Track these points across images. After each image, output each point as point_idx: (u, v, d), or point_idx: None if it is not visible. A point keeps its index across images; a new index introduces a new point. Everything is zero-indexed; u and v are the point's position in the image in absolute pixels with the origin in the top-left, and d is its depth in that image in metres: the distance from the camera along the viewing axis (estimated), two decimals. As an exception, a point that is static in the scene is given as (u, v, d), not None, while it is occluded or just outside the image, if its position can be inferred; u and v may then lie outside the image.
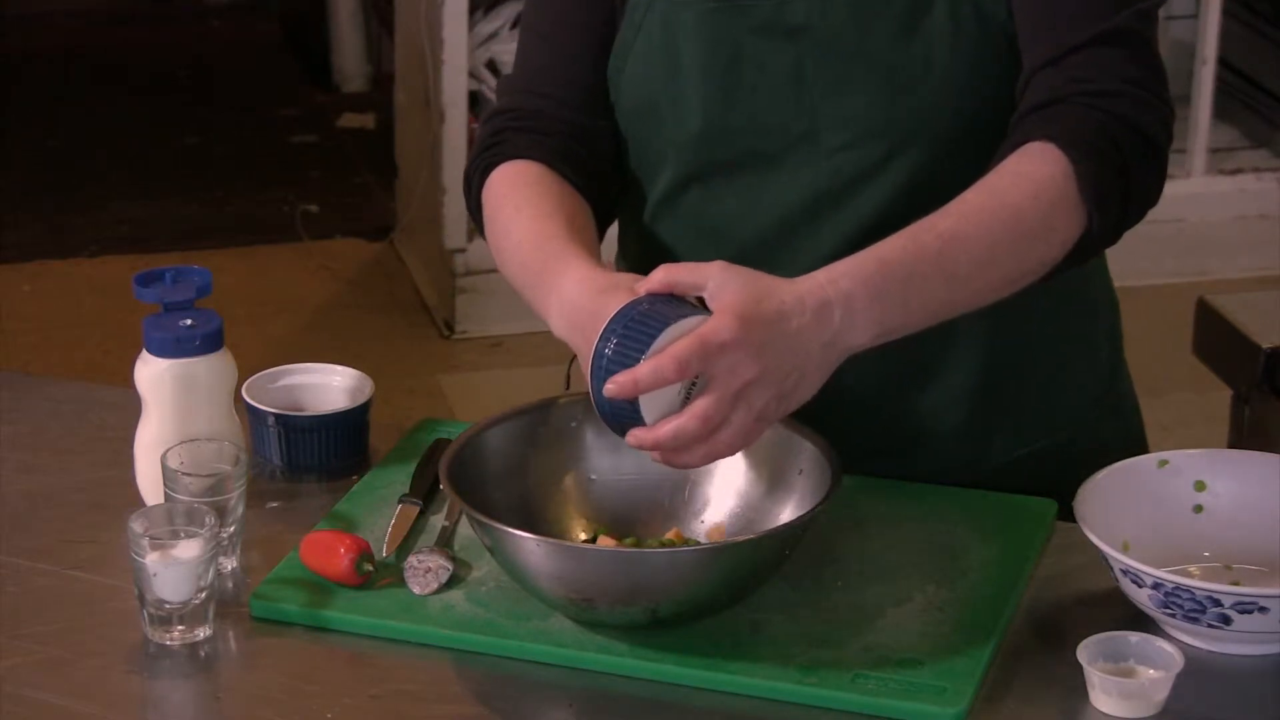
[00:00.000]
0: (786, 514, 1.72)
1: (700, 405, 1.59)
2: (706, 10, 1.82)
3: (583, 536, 1.76)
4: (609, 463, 1.78)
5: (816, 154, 1.82)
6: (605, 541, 1.73)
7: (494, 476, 1.73)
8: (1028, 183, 1.70)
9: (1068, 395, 1.93)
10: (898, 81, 1.79)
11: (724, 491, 1.77)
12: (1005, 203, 1.69)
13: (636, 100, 1.87)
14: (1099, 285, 1.96)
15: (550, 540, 1.62)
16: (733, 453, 1.63)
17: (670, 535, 1.74)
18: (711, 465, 1.72)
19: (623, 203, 1.94)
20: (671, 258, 1.87)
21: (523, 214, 1.81)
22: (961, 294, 1.68)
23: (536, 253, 1.76)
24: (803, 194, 1.83)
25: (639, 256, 1.92)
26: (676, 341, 1.58)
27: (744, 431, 1.61)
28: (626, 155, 1.91)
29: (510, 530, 1.61)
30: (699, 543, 1.73)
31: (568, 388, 2.07)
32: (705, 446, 1.61)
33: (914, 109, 1.79)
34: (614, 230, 1.97)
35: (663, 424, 1.60)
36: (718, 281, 1.61)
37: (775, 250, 1.83)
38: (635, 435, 1.61)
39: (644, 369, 1.58)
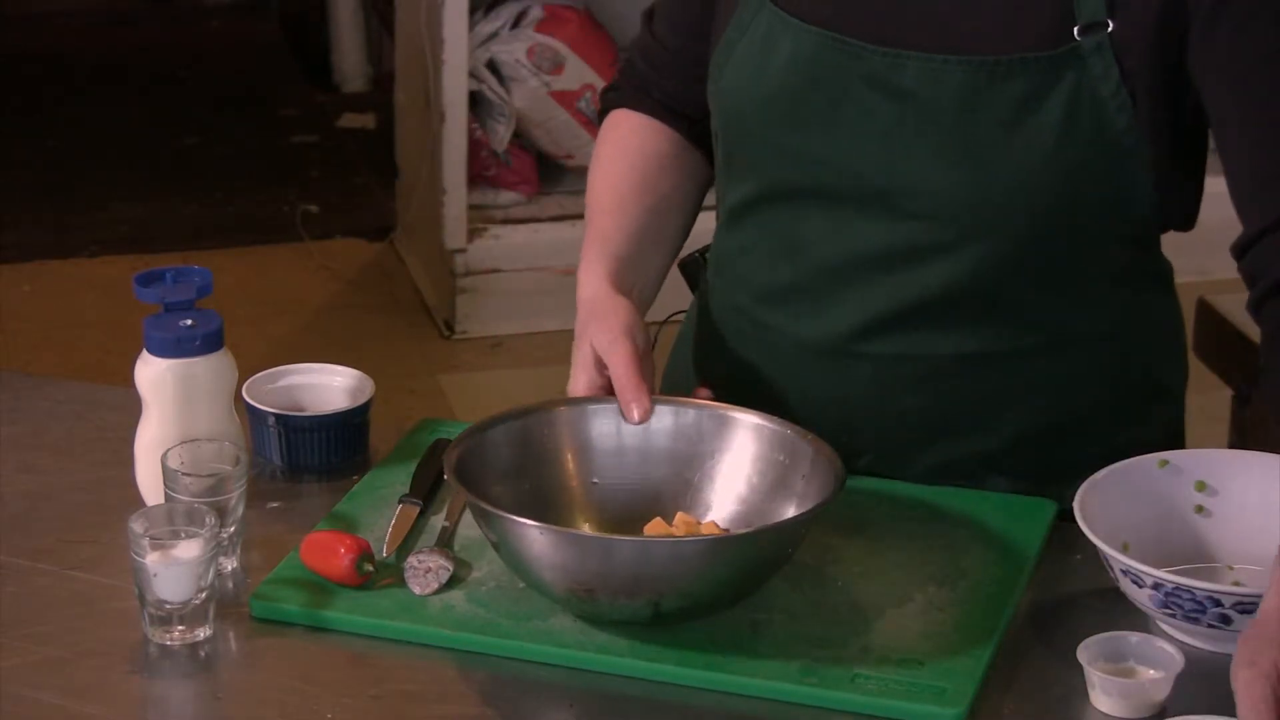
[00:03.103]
0: (789, 515, 1.71)
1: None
2: (817, 42, 1.79)
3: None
4: (612, 465, 1.77)
5: (893, 214, 1.79)
6: None
7: (497, 474, 1.73)
8: None
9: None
10: (996, 167, 1.75)
11: (726, 495, 1.77)
12: None
13: (731, 102, 1.86)
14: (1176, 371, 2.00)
15: (554, 528, 1.62)
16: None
17: (677, 521, 1.73)
18: (714, 469, 1.75)
19: (718, 190, 1.97)
20: (747, 261, 1.89)
21: (598, 171, 1.96)
22: None
23: (590, 219, 1.92)
24: (876, 244, 1.81)
25: (719, 248, 1.95)
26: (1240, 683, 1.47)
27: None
28: (716, 140, 1.92)
29: (514, 518, 1.61)
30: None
31: None
32: None
33: (1008, 197, 1.76)
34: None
35: None
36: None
37: (844, 284, 1.83)
38: None
39: None
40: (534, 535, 1.61)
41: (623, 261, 1.87)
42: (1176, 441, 1.95)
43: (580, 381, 1.79)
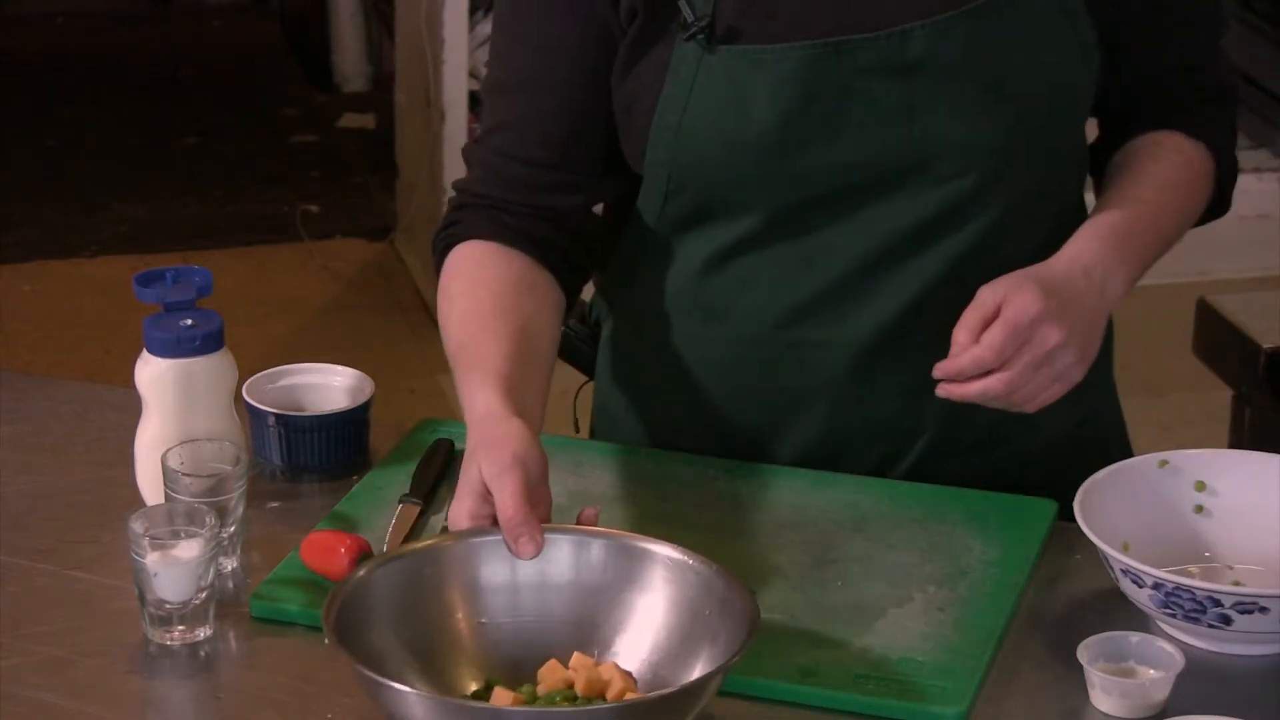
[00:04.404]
0: (699, 663, 1.56)
1: (1004, 376, 1.71)
2: (804, 56, 1.77)
3: (474, 686, 1.59)
4: (504, 604, 1.62)
5: (926, 183, 1.80)
6: (500, 694, 1.55)
7: (383, 620, 1.58)
8: (1192, 167, 1.91)
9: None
10: (1009, 101, 1.80)
11: (629, 633, 1.62)
12: (1182, 178, 1.90)
13: (706, 156, 1.80)
14: None
15: (432, 697, 1.49)
16: (1034, 409, 1.74)
17: (574, 663, 1.58)
18: (617, 604, 1.61)
19: (657, 250, 1.88)
20: (754, 292, 1.85)
21: (455, 306, 1.82)
22: (1162, 250, 1.87)
23: (458, 353, 1.78)
24: (905, 223, 1.81)
25: (698, 296, 1.88)
26: (990, 329, 1.70)
27: (1043, 391, 1.73)
28: (666, 202, 1.85)
29: (394, 685, 1.47)
30: (593, 701, 1.56)
31: (576, 430, 2.07)
32: (1004, 404, 1.73)
33: (1017, 129, 1.81)
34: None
35: (971, 384, 1.71)
36: (991, 291, 1.73)
37: (874, 277, 1.83)
38: (944, 388, 1.73)
39: (966, 360, 1.70)
40: (411, 701, 1.47)
41: (508, 380, 1.72)
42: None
43: (463, 510, 1.63)
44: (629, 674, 1.58)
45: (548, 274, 1.86)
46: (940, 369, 1.72)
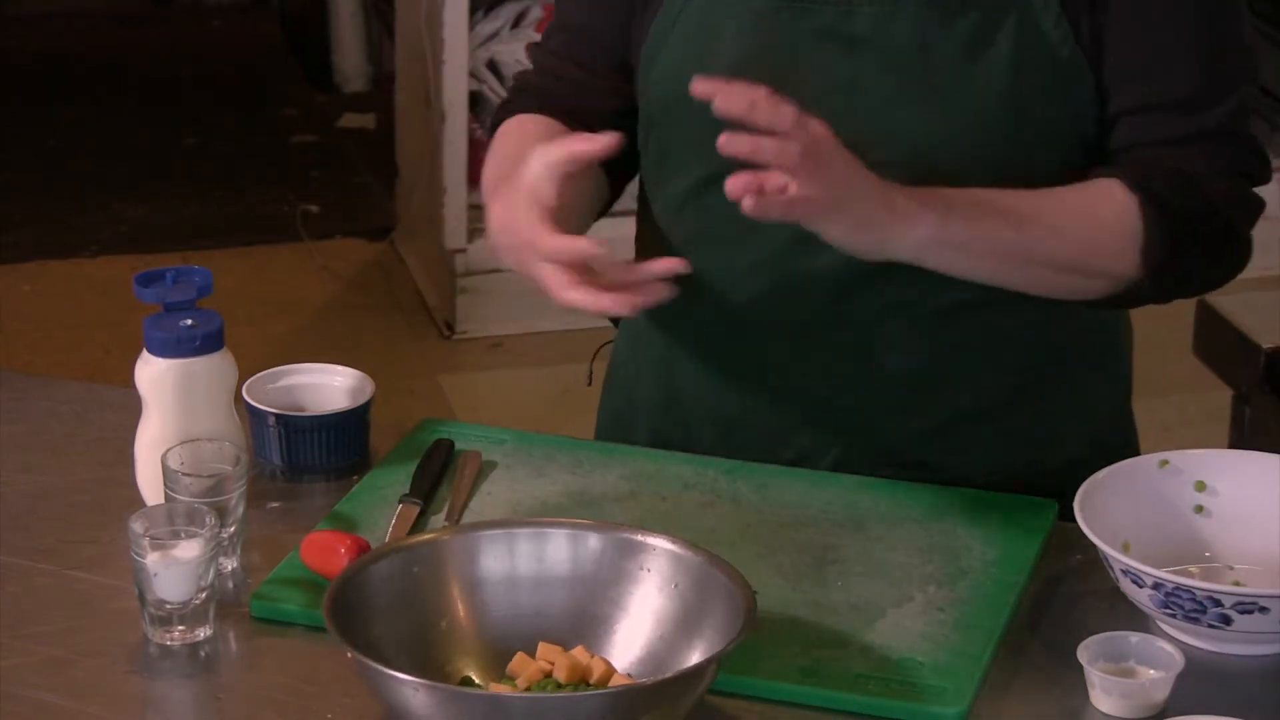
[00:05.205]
0: (695, 655, 1.57)
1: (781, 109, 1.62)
2: (763, 7, 1.80)
3: (475, 679, 1.60)
4: (500, 596, 1.63)
5: None
6: (498, 687, 1.58)
7: (380, 613, 1.59)
8: (1110, 201, 1.76)
9: (1078, 422, 1.93)
10: (954, 103, 1.78)
11: (629, 628, 1.62)
12: (1086, 198, 1.76)
13: (668, 90, 1.85)
14: (1125, 329, 1.98)
15: (430, 684, 1.48)
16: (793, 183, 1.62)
17: (572, 661, 1.58)
18: (614, 596, 1.62)
19: (642, 192, 1.95)
20: (697, 250, 1.86)
21: (498, 148, 1.88)
22: (1019, 247, 1.73)
23: (497, 176, 1.80)
24: None
25: (658, 246, 1.91)
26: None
27: (802, 154, 1.61)
28: (649, 140, 1.91)
29: (392, 673, 1.48)
30: (590, 687, 1.57)
31: (589, 382, 2.07)
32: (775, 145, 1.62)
33: (968, 133, 1.78)
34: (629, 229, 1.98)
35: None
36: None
37: (810, 251, 1.81)
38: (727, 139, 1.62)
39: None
40: (409, 692, 1.47)
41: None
42: (1127, 395, 1.98)
43: (509, 202, 1.70)
44: (595, 657, 1.59)
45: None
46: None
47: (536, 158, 1.69)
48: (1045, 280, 1.77)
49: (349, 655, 1.49)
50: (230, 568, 1.76)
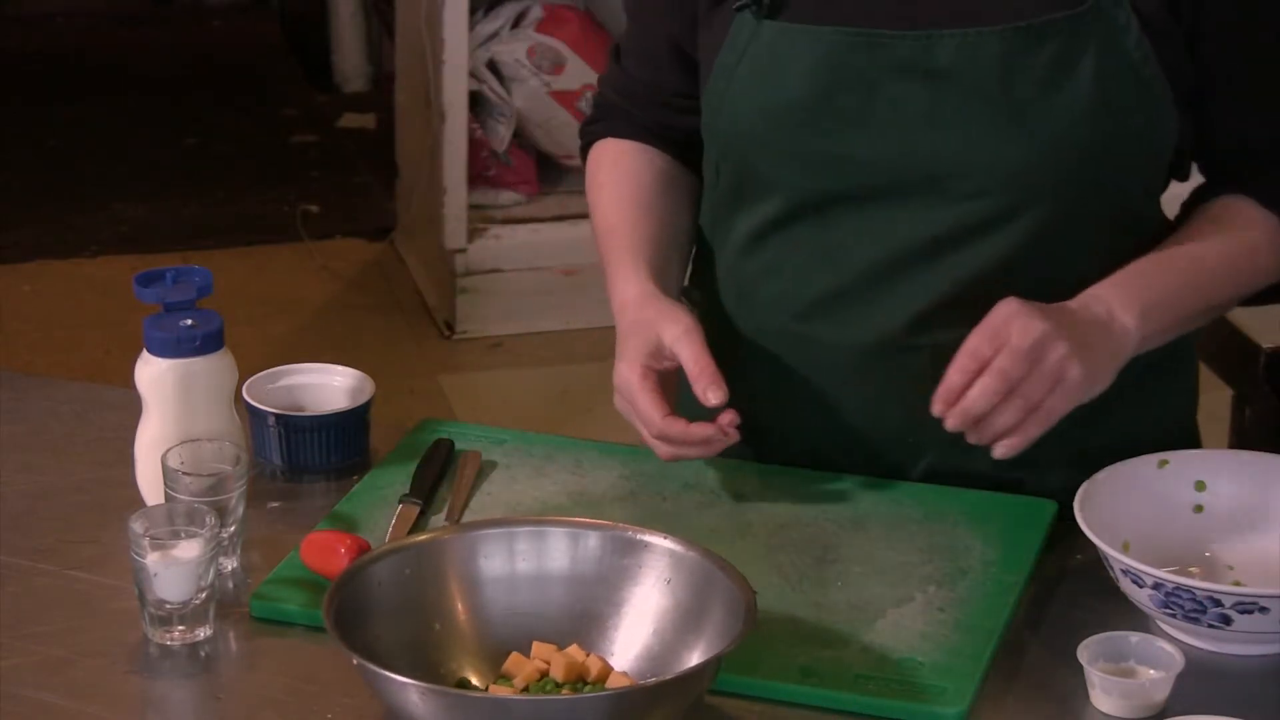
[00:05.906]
0: (695, 655, 1.57)
1: (996, 363, 1.69)
2: (836, 41, 1.79)
3: (473, 679, 1.60)
4: (500, 596, 1.64)
5: (941, 199, 1.80)
6: (499, 689, 1.57)
7: (380, 614, 1.59)
8: (1256, 227, 1.86)
9: (1150, 431, 1.90)
10: (1038, 128, 1.77)
11: (629, 627, 1.63)
12: (1238, 240, 1.86)
13: (745, 125, 1.84)
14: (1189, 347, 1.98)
15: (432, 688, 1.48)
16: (1049, 415, 1.70)
17: (568, 660, 1.58)
18: (614, 595, 1.62)
19: (709, 224, 1.96)
20: (777, 280, 1.87)
21: (604, 194, 1.99)
22: (1201, 307, 1.84)
23: (608, 234, 1.95)
24: (922, 234, 1.81)
25: (735, 277, 1.91)
26: (999, 356, 1.69)
27: (1050, 381, 1.69)
28: (719, 172, 1.91)
29: (395, 677, 1.47)
30: (590, 687, 1.58)
31: None
32: (1016, 403, 1.69)
33: (1051, 156, 1.78)
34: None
35: (966, 395, 1.69)
36: (986, 326, 1.72)
37: (890, 281, 1.82)
38: (940, 399, 1.71)
39: (953, 378, 1.70)
40: (414, 693, 1.47)
41: (655, 268, 1.89)
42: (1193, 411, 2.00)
43: (634, 372, 1.79)
44: (600, 656, 1.59)
45: (683, 167, 2.00)
46: (942, 398, 1.71)
47: (679, 351, 1.80)
48: (1220, 313, 1.91)
49: (354, 663, 1.49)
50: (230, 568, 1.76)
